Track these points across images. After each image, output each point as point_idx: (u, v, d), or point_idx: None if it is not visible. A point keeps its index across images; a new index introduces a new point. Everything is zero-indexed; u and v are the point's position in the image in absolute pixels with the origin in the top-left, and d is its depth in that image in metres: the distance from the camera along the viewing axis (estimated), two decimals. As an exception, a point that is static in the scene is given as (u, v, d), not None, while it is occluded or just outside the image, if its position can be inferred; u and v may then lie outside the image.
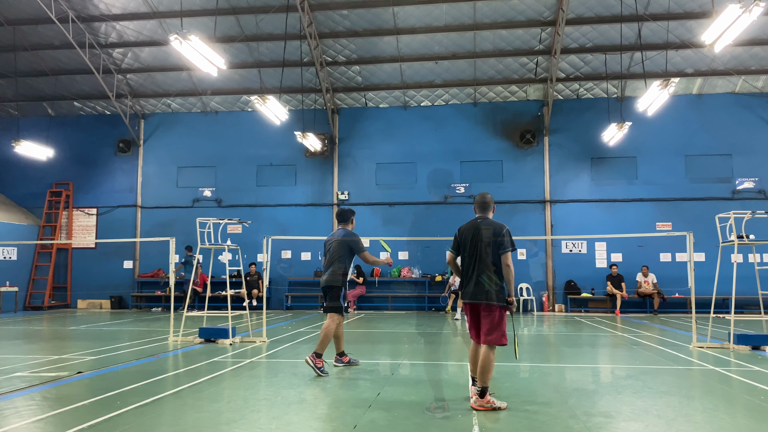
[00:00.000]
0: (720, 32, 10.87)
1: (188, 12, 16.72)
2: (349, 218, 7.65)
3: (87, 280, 20.20)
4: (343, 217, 7.64)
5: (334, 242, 7.40)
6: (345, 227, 7.59)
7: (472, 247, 5.41)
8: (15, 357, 8.53)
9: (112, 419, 4.78)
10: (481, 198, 5.74)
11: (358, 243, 7.40)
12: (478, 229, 5.46)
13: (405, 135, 19.54)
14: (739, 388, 6.23)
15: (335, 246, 7.38)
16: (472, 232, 5.48)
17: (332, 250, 7.41)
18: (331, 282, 7.37)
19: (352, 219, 7.66)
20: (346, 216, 7.65)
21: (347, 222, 7.62)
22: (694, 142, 18.34)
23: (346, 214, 7.66)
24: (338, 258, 7.34)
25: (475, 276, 5.28)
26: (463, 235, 5.56)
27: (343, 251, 7.35)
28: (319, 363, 6.78)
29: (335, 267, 7.37)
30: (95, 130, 20.95)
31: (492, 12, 16.78)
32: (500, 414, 5.06)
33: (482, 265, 5.29)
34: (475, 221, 5.59)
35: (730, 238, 9.14)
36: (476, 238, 5.41)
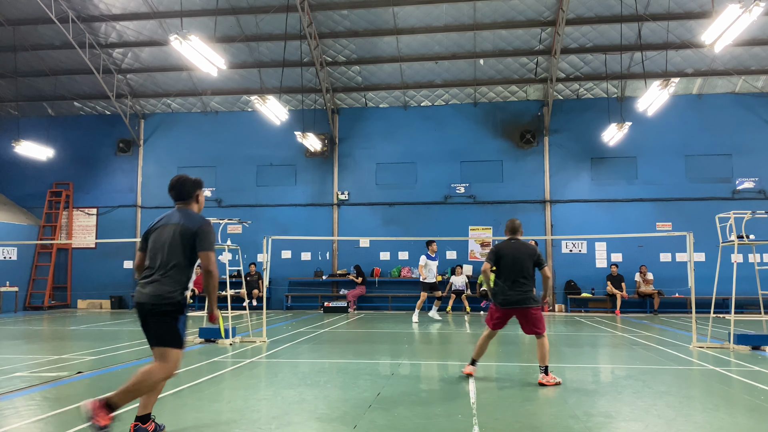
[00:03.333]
0: (720, 32, 10.86)
1: (188, 12, 16.72)
2: (192, 192, 4.65)
3: (87, 280, 20.20)
4: (181, 190, 4.64)
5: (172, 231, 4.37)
6: (186, 210, 4.56)
7: (514, 263, 6.55)
8: (15, 357, 8.53)
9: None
10: (512, 224, 6.89)
11: (211, 239, 4.40)
12: (518, 249, 6.66)
13: (405, 135, 19.54)
14: (739, 388, 6.23)
15: (175, 238, 4.35)
16: (512, 251, 6.63)
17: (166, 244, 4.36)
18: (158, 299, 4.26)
19: (197, 195, 4.68)
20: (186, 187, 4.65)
21: (188, 198, 4.64)
22: (694, 142, 18.34)
23: (187, 184, 4.67)
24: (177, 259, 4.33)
25: (519, 286, 6.49)
26: (504, 253, 6.65)
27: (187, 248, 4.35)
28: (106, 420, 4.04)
29: (174, 274, 4.30)
30: (95, 130, 20.95)
31: (492, 12, 16.78)
32: (500, 414, 5.06)
33: (525, 278, 6.51)
34: (512, 242, 6.76)
35: (730, 238, 9.14)
36: (517, 256, 6.58)
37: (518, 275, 6.49)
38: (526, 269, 6.52)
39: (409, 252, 18.97)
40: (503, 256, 6.62)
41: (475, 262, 18.79)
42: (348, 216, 19.51)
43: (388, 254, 19.16)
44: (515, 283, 6.49)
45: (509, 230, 6.87)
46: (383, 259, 19.15)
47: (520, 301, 6.46)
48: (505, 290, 6.56)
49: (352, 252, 19.23)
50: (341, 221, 19.52)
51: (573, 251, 18.49)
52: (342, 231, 19.36)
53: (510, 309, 6.52)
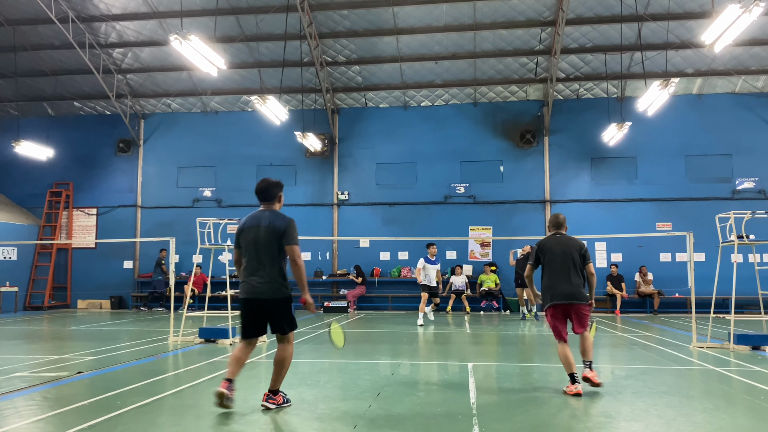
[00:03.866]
0: (720, 32, 10.86)
1: (188, 12, 16.71)
2: (276, 193, 5.41)
3: (87, 280, 20.20)
4: (267, 192, 5.39)
5: (263, 231, 5.19)
6: (271, 209, 5.37)
7: (564, 256, 6.17)
8: (15, 357, 8.53)
9: (112, 419, 4.78)
10: (556, 218, 6.60)
11: (295, 234, 5.24)
12: (565, 242, 6.32)
13: (405, 135, 19.54)
14: (739, 388, 6.23)
15: (267, 237, 5.17)
16: (560, 245, 6.28)
17: (260, 243, 5.19)
18: (277, 293, 5.19)
19: (280, 195, 5.47)
20: (272, 189, 5.39)
21: (273, 199, 5.41)
22: (694, 142, 18.34)
23: (272, 186, 5.41)
24: (273, 255, 5.19)
25: (570, 280, 6.08)
26: (549, 248, 6.30)
27: (278, 244, 5.18)
28: (279, 399, 5.26)
29: (273, 269, 5.17)
30: (95, 130, 20.94)
31: (492, 12, 16.78)
32: (500, 414, 5.06)
33: (575, 273, 6.11)
34: (557, 236, 6.43)
35: (730, 238, 9.14)
36: (566, 250, 6.22)
37: (569, 269, 6.06)
38: (576, 263, 6.11)
39: (409, 252, 18.97)
40: (548, 252, 6.22)
41: (475, 262, 18.79)
42: (348, 216, 19.51)
43: (388, 254, 19.17)
44: (564, 277, 6.05)
45: (554, 225, 6.53)
46: (383, 259, 19.15)
47: (573, 295, 6.01)
48: (553, 285, 6.09)
49: (352, 252, 19.23)
50: (341, 221, 19.53)
51: (573, 251, 18.45)
52: (342, 231, 19.36)
53: (562, 305, 6.04)
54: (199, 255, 12.42)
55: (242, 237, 5.29)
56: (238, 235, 5.33)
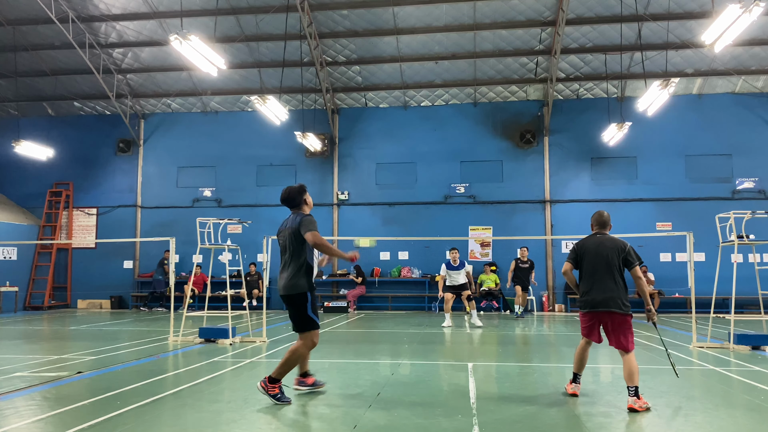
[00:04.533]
0: (720, 32, 10.86)
1: (188, 12, 16.72)
2: (300, 200, 5.85)
3: (87, 280, 20.20)
4: (292, 201, 5.85)
5: (287, 233, 5.68)
6: (297, 212, 5.81)
7: (597, 258, 5.69)
8: (15, 357, 8.53)
9: (112, 419, 4.78)
10: (600, 216, 6.00)
11: (308, 224, 5.51)
12: (602, 243, 5.77)
13: (405, 135, 19.54)
14: (739, 388, 6.23)
15: (288, 238, 5.65)
16: (595, 246, 5.77)
17: (285, 244, 5.71)
18: (291, 290, 5.50)
19: (304, 199, 5.88)
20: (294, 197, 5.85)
21: (299, 205, 5.85)
22: (694, 142, 18.34)
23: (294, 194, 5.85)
24: (293, 253, 5.58)
25: (603, 285, 5.59)
26: (587, 248, 5.81)
27: (297, 243, 5.59)
28: (274, 390, 5.36)
29: (292, 266, 5.56)
30: (95, 130, 20.95)
31: (492, 12, 16.78)
32: (500, 414, 5.06)
33: (611, 276, 5.60)
34: (596, 236, 5.89)
35: (730, 238, 9.14)
36: (600, 251, 5.71)
37: (602, 272, 5.60)
38: (613, 266, 5.58)
39: (409, 252, 18.98)
40: (585, 253, 5.76)
41: (475, 262, 18.78)
42: (348, 216, 19.51)
43: (388, 254, 19.17)
44: (598, 281, 5.60)
45: (597, 224, 5.96)
46: (383, 259, 19.15)
47: (604, 302, 5.54)
48: (587, 291, 5.70)
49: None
50: (341, 221, 19.52)
51: (573, 251, 18.46)
52: (342, 231, 19.36)
53: (594, 312, 5.63)
54: (199, 255, 12.42)
55: (278, 240, 5.86)
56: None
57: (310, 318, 5.46)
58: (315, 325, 5.50)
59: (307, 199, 5.88)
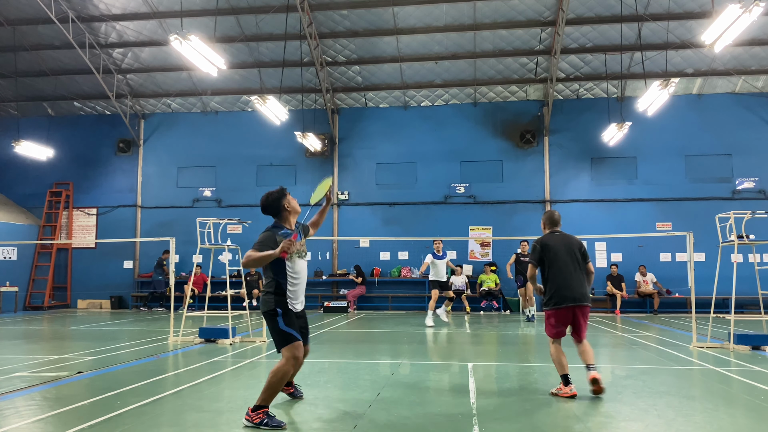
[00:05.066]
0: (720, 32, 10.87)
1: (188, 12, 16.72)
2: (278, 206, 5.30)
3: (87, 280, 20.20)
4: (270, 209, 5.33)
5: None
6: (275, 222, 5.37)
7: (569, 255, 5.90)
8: (15, 357, 8.53)
9: (112, 419, 4.78)
10: (552, 215, 6.26)
11: (255, 243, 4.93)
12: (567, 240, 6.01)
13: (405, 135, 19.54)
14: (739, 388, 6.23)
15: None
16: (563, 244, 5.98)
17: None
18: (263, 306, 5.02)
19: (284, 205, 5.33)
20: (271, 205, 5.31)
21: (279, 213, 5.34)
22: (694, 142, 18.34)
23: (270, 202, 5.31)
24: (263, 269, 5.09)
25: (577, 280, 5.82)
26: (552, 246, 5.96)
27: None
28: (258, 416, 4.65)
29: (264, 282, 5.09)
30: (95, 130, 20.95)
31: (492, 12, 16.78)
32: (500, 414, 5.06)
33: (581, 273, 5.89)
34: (557, 234, 6.11)
35: (730, 238, 9.14)
36: (569, 248, 5.94)
37: (574, 268, 5.80)
38: (579, 261, 5.85)
39: (409, 252, 18.98)
40: (551, 250, 5.88)
41: (475, 262, 18.79)
42: (348, 216, 19.51)
43: (388, 254, 19.17)
44: (571, 276, 5.77)
45: (551, 222, 6.19)
46: (383, 259, 19.15)
47: (581, 297, 5.74)
48: (561, 287, 5.77)
49: (352, 252, 19.23)
50: (341, 221, 19.53)
51: (573, 251, 18.46)
52: (342, 231, 19.36)
53: (570, 307, 5.76)
54: (199, 255, 12.43)
55: None
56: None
57: (284, 332, 4.87)
58: (292, 338, 4.88)
59: (288, 204, 5.28)
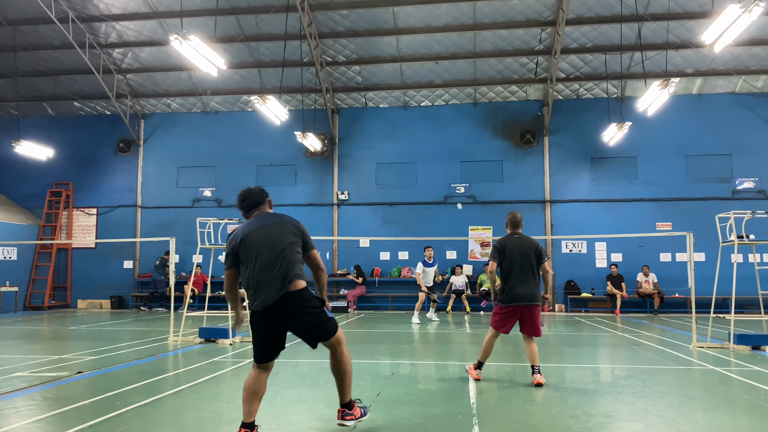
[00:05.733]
0: (720, 32, 10.86)
1: (188, 12, 16.71)
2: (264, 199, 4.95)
3: (87, 280, 20.20)
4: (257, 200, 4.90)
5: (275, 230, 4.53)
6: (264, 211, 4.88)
7: (522, 257, 6.36)
8: (15, 357, 8.53)
9: (112, 419, 4.78)
10: (514, 217, 6.65)
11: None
12: (522, 243, 6.47)
13: (405, 135, 19.54)
14: (739, 388, 6.23)
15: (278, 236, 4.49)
16: (518, 246, 6.44)
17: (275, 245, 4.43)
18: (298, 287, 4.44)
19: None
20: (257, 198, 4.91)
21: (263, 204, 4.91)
22: (694, 142, 18.34)
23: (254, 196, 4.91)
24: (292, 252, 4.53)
25: (527, 281, 6.30)
26: (509, 248, 6.43)
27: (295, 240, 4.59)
28: (354, 412, 4.47)
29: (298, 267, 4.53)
30: (95, 130, 20.95)
31: (492, 12, 16.78)
32: (500, 414, 5.06)
33: (531, 275, 6.36)
34: (515, 237, 6.56)
35: (730, 238, 9.14)
36: (523, 251, 6.40)
37: (526, 270, 6.30)
38: (533, 263, 6.35)
39: (409, 252, 18.97)
40: (508, 251, 6.38)
41: (475, 262, 18.79)
42: (348, 216, 19.50)
43: (388, 254, 19.16)
44: (523, 278, 6.28)
45: (512, 224, 6.61)
46: (383, 259, 19.14)
47: (529, 296, 6.27)
48: (513, 286, 6.31)
49: (352, 252, 19.23)
50: (341, 221, 19.52)
51: (573, 251, 18.49)
52: (342, 231, 19.36)
53: (517, 306, 6.29)
54: (199, 255, 12.43)
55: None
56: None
57: (332, 318, 4.63)
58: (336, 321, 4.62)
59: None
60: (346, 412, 4.40)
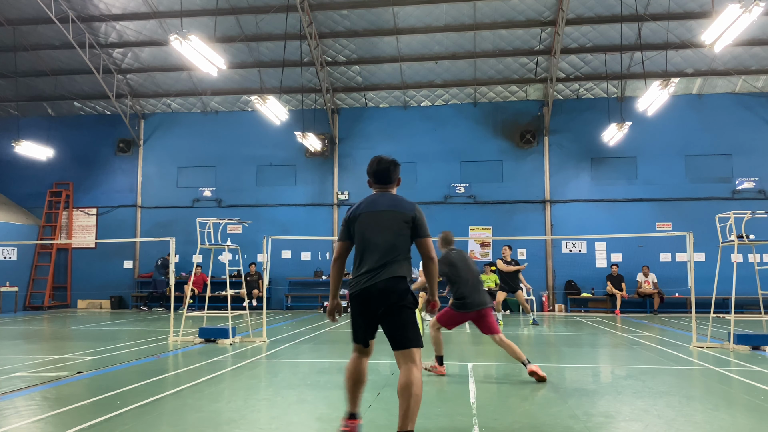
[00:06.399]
0: (720, 32, 10.86)
1: (188, 12, 16.72)
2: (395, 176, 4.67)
3: (87, 280, 20.20)
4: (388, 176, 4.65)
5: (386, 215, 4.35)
6: (388, 190, 4.66)
7: (470, 268, 7.02)
8: (15, 357, 8.53)
9: (112, 419, 4.78)
10: (448, 236, 7.43)
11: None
12: (465, 255, 7.23)
13: (405, 135, 19.54)
14: (739, 388, 6.23)
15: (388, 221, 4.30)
16: (463, 258, 7.10)
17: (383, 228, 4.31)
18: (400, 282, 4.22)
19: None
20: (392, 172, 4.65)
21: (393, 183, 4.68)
22: (694, 142, 18.34)
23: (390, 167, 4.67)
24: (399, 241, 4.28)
25: (480, 288, 6.95)
26: (458, 261, 6.97)
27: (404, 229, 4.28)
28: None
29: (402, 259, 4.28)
30: (95, 130, 20.95)
31: (492, 12, 16.78)
32: (500, 414, 5.06)
33: (479, 282, 7.03)
34: (455, 251, 7.25)
35: (730, 238, 9.13)
36: (468, 262, 7.11)
37: (474, 279, 6.98)
38: (476, 272, 7.19)
39: (409, 252, 18.94)
40: (456, 266, 7.00)
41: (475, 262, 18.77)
42: (348, 216, 19.47)
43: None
44: (475, 287, 6.93)
45: (447, 242, 7.37)
46: (383, 259, 19.10)
47: (482, 303, 6.86)
48: (467, 295, 6.86)
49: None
50: (341, 221, 19.49)
51: (573, 251, 18.49)
52: (342, 231, 19.32)
53: (471, 312, 6.86)
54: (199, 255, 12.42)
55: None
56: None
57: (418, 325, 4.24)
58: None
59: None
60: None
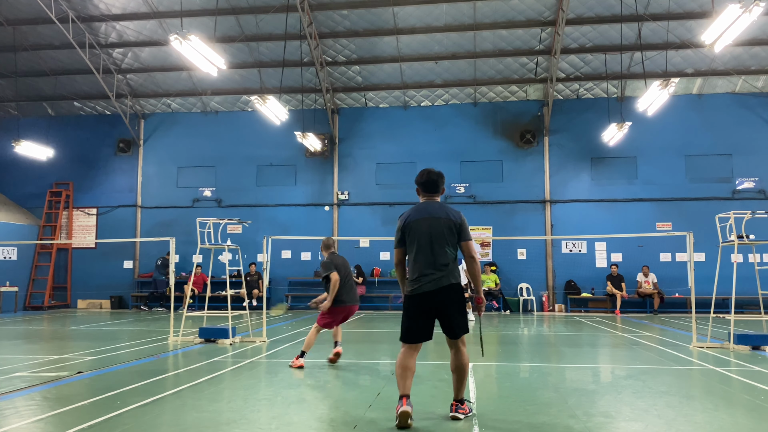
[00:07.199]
0: (720, 32, 10.87)
1: (188, 12, 16.72)
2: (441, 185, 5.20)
3: (87, 280, 20.19)
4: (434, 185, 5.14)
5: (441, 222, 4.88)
6: (434, 199, 5.15)
7: (347, 273, 7.77)
8: (15, 357, 8.53)
9: (112, 419, 4.78)
10: (328, 240, 8.24)
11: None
12: (345, 261, 8.02)
13: (405, 135, 19.54)
14: (739, 388, 6.23)
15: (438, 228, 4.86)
16: (341, 261, 7.88)
17: (434, 234, 4.84)
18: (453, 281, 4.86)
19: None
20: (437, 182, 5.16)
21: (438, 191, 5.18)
22: (694, 142, 18.34)
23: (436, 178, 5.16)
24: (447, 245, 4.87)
25: (353, 289, 7.89)
26: (340, 266, 7.69)
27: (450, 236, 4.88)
28: (465, 408, 4.93)
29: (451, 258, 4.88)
30: (95, 130, 20.95)
31: (492, 12, 16.78)
32: (500, 414, 5.06)
33: (354, 282, 8.06)
34: (338, 256, 7.92)
35: (730, 238, 9.14)
36: (346, 265, 7.87)
37: (351, 281, 7.71)
38: (351, 273, 7.83)
39: (409, 252, 18.94)
40: (339, 268, 7.53)
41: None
42: (348, 216, 19.51)
43: (388, 254, 19.14)
44: (351, 287, 7.64)
45: (327, 246, 7.85)
46: (383, 259, 19.13)
47: (355, 300, 7.80)
48: (341, 294, 7.52)
49: (352, 252, 19.20)
50: (341, 221, 19.52)
51: (573, 251, 18.49)
52: (342, 231, 19.36)
53: (345, 307, 7.64)
54: (199, 255, 12.43)
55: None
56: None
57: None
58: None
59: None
60: (459, 407, 4.87)
